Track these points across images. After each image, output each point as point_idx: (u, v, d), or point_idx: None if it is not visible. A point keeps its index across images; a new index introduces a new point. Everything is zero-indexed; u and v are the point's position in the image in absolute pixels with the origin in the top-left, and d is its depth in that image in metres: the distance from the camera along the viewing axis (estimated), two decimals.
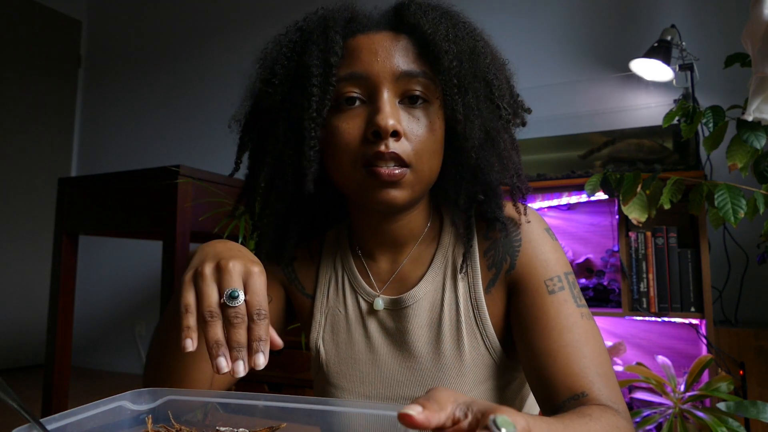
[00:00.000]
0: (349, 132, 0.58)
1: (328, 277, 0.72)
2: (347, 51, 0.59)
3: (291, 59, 0.60)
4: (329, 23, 0.59)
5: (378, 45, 0.58)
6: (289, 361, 1.93)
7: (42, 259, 3.39)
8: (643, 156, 1.94)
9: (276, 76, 0.60)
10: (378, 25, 0.61)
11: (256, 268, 0.48)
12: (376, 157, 0.56)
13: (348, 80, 0.58)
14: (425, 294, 0.66)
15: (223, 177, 1.77)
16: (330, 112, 0.59)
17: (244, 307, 0.46)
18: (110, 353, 3.43)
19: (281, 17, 3.18)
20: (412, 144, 0.58)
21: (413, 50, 0.59)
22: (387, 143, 0.56)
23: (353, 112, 0.58)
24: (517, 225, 0.64)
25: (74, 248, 1.85)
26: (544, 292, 0.60)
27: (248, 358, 0.44)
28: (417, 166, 0.58)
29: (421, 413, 0.31)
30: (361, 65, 0.58)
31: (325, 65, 0.57)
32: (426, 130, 0.59)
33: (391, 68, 0.57)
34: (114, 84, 3.75)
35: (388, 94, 0.57)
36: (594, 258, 2.15)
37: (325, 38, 0.58)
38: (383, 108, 0.56)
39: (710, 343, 1.66)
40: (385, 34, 0.59)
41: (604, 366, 0.56)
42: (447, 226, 0.69)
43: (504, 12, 2.54)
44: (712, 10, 2.19)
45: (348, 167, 0.59)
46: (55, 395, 1.75)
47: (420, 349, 0.65)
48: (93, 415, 0.43)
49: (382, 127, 0.55)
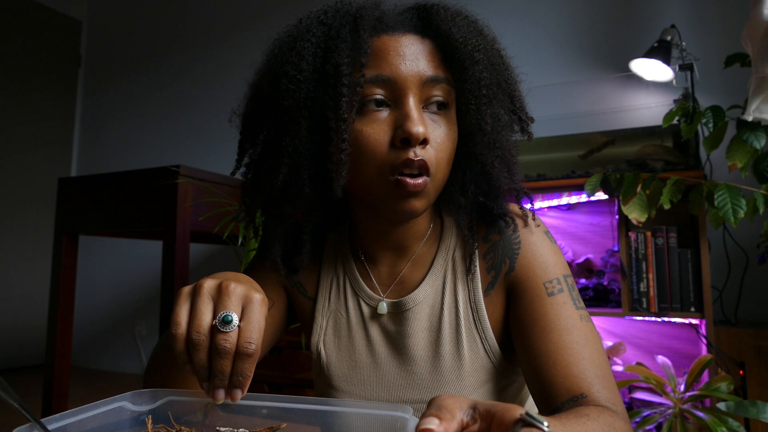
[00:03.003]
0: (375, 137, 0.56)
1: (330, 280, 0.72)
2: (373, 51, 0.57)
3: (316, 55, 0.57)
4: (359, 21, 0.56)
5: (406, 48, 0.57)
6: (289, 361, 1.93)
7: (42, 259, 3.39)
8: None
9: (302, 72, 0.57)
10: (403, 25, 0.58)
11: (258, 296, 0.47)
12: (405, 165, 0.55)
13: (374, 82, 0.56)
14: (425, 297, 0.66)
15: (223, 177, 1.77)
16: (354, 113, 0.57)
17: (235, 335, 0.44)
18: (110, 353, 3.43)
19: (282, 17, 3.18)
20: (435, 151, 0.57)
21: (438, 55, 0.58)
22: (416, 150, 0.55)
23: (378, 115, 0.57)
24: (516, 228, 0.64)
25: (74, 248, 1.85)
26: (543, 294, 0.60)
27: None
28: (436, 174, 0.58)
29: (440, 425, 0.31)
30: (388, 68, 0.56)
31: (354, 66, 0.55)
32: (446, 137, 0.58)
33: (417, 73, 0.56)
34: (114, 84, 3.75)
35: (413, 99, 0.56)
36: (594, 258, 2.15)
37: (357, 37, 0.56)
38: (412, 115, 0.55)
39: (710, 343, 1.66)
40: (411, 37, 0.58)
41: (602, 368, 0.56)
42: (448, 228, 0.69)
43: (504, 12, 2.55)
44: (712, 10, 2.19)
45: (373, 174, 0.57)
46: (55, 395, 1.75)
47: (420, 353, 0.65)
48: (93, 415, 0.43)
49: (413, 134, 0.54)
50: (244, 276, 0.52)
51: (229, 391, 0.45)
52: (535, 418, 0.29)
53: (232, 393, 0.45)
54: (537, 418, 0.30)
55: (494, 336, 0.64)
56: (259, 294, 0.47)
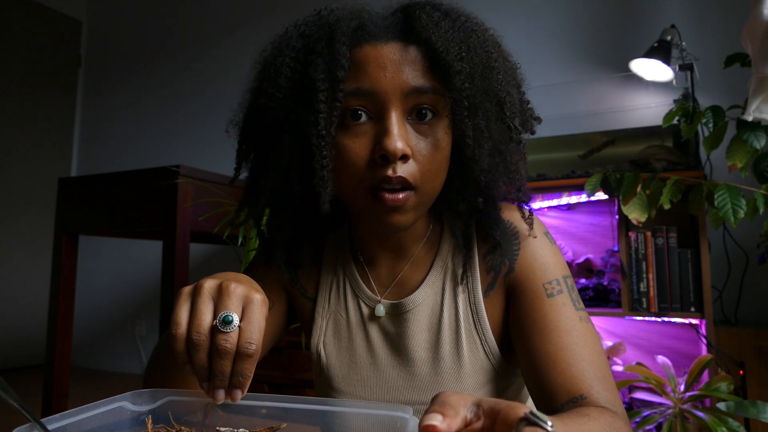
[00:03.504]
0: (355, 152, 0.55)
1: (330, 281, 0.72)
2: (353, 62, 0.55)
3: (295, 70, 0.57)
4: (335, 33, 0.55)
5: (386, 59, 0.55)
6: (289, 361, 1.92)
7: (42, 259, 3.39)
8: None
9: (280, 89, 0.57)
10: (386, 33, 0.56)
11: (258, 296, 0.46)
12: (383, 182, 0.54)
13: (354, 95, 0.55)
14: (425, 299, 0.66)
15: (223, 177, 1.77)
16: (336, 126, 0.56)
17: (235, 336, 0.44)
18: (110, 353, 3.43)
19: (281, 17, 3.18)
20: (419, 165, 0.56)
21: (423, 63, 0.55)
22: (395, 167, 0.54)
23: (360, 128, 0.56)
24: (516, 229, 0.64)
25: (74, 248, 1.85)
26: (543, 295, 0.60)
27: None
28: (422, 188, 0.56)
29: (443, 422, 0.31)
30: (368, 80, 0.55)
31: (331, 80, 0.54)
32: (433, 149, 0.56)
33: (399, 84, 0.54)
34: (114, 84, 3.75)
35: (396, 111, 0.55)
36: (594, 258, 2.15)
37: (331, 50, 0.54)
38: (391, 130, 0.54)
39: (710, 343, 1.66)
40: (393, 46, 0.55)
41: (602, 369, 0.56)
42: (447, 230, 0.69)
43: (504, 12, 2.55)
44: (712, 10, 2.19)
45: (354, 187, 0.57)
46: (55, 395, 1.75)
47: (420, 354, 0.65)
48: (93, 415, 0.43)
49: (390, 151, 0.53)
50: (245, 276, 0.52)
51: (229, 392, 0.45)
52: (539, 417, 0.29)
53: (232, 393, 0.45)
54: (541, 417, 0.30)
55: (494, 337, 0.64)
56: (260, 294, 0.47)
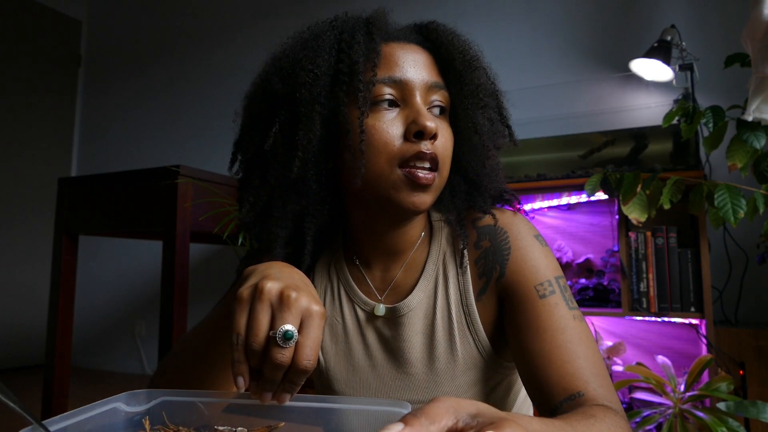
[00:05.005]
0: (387, 131, 0.59)
1: (324, 286, 0.73)
2: (383, 55, 0.62)
3: (331, 54, 0.61)
4: (371, 27, 0.62)
5: (412, 54, 0.62)
6: None
7: (42, 259, 3.39)
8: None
9: (318, 67, 0.60)
10: (407, 37, 0.64)
11: (318, 309, 0.46)
12: (417, 157, 0.59)
13: (385, 83, 0.60)
14: (419, 302, 0.67)
15: (223, 177, 1.77)
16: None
17: (292, 351, 0.44)
18: (110, 353, 3.43)
19: (282, 17, 3.19)
20: (442, 148, 0.61)
21: (436, 65, 0.64)
22: (428, 144, 0.59)
23: (388, 113, 0.60)
24: (506, 232, 0.66)
25: (74, 248, 1.85)
26: (535, 296, 0.61)
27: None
28: (442, 171, 0.62)
29: (403, 430, 0.30)
30: (399, 70, 0.61)
31: (368, 66, 0.60)
32: (448, 137, 0.63)
33: (422, 77, 0.62)
34: (114, 84, 3.75)
35: (421, 100, 0.61)
36: (594, 258, 2.15)
37: (370, 40, 0.61)
38: (424, 111, 0.60)
39: (710, 343, 1.66)
40: (415, 46, 0.63)
41: (598, 366, 0.57)
42: (437, 232, 0.70)
43: (504, 12, 2.54)
44: (712, 10, 2.19)
45: (384, 165, 0.59)
46: (55, 395, 1.75)
47: (415, 356, 0.67)
48: (87, 418, 0.42)
49: (428, 127, 0.58)
50: (300, 275, 0.51)
51: (277, 395, 0.45)
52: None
53: (280, 396, 0.45)
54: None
55: (487, 337, 0.65)
56: (319, 307, 0.46)
